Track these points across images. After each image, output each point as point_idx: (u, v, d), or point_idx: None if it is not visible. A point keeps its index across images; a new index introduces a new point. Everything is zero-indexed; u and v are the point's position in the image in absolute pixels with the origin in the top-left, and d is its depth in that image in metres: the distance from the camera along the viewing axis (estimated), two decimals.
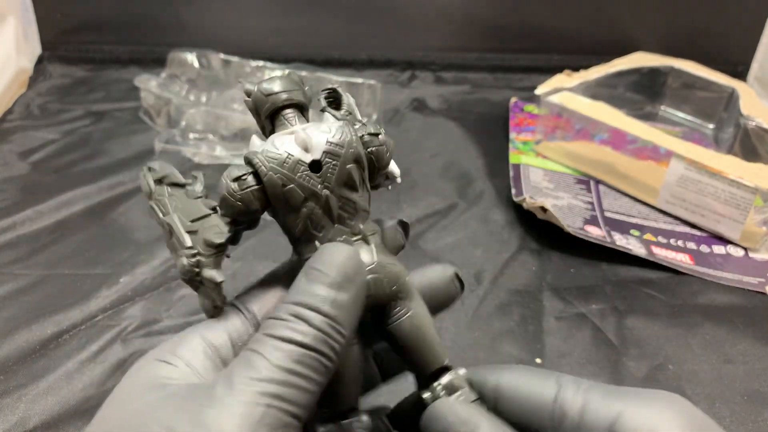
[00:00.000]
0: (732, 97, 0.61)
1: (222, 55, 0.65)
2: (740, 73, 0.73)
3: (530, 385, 0.22)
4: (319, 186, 0.22)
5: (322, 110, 0.24)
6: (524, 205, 0.49)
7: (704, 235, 0.50)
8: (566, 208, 0.51)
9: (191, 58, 0.65)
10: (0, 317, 0.40)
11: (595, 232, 0.48)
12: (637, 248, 0.47)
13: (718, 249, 0.49)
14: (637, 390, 0.21)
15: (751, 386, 0.37)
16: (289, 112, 0.23)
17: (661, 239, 0.49)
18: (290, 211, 0.22)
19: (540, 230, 0.49)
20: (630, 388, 0.21)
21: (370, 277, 0.22)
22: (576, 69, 0.62)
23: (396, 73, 0.75)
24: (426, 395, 0.23)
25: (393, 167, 0.25)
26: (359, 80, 0.62)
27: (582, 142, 0.56)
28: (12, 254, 0.46)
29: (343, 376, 0.22)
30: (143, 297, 0.42)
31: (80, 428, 0.33)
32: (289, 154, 0.22)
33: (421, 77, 0.74)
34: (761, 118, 0.55)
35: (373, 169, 0.23)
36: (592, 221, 0.50)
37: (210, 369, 0.21)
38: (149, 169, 0.24)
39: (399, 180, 0.25)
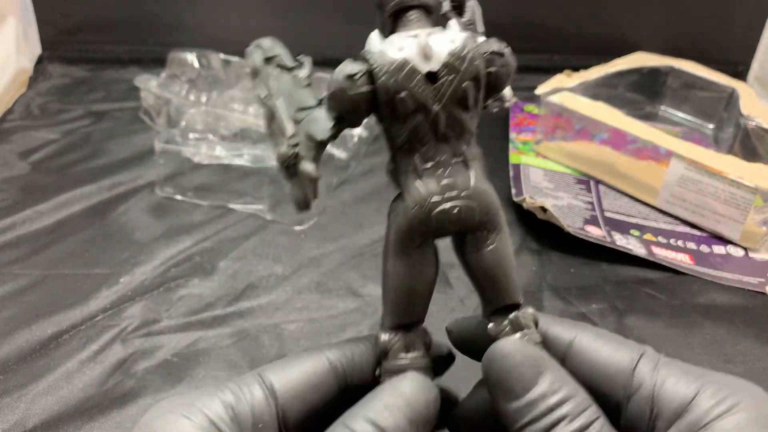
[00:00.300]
0: (732, 97, 0.61)
1: (222, 55, 0.65)
2: (740, 73, 0.73)
3: (609, 350, 0.22)
4: (431, 99, 0.21)
5: (444, 15, 0.23)
6: (524, 205, 0.49)
7: (704, 235, 0.50)
8: (566, 208, 0.51)
9: (191, 58, 0.65)
10: (0, 317, 0.40)
11: (595, 232, 0.48)
12: (637, 248, 0.47)
13: (718, 249, 0.49)
14: (716, 373, 0.21)
15: None
16: (414, 14, 0.22)
17: (661, 239, 0.49)
18: (396, 119, 0.21)
19: (540, 230, 0.49)
20: (708, 370, 0.21)
21: (462, 203, 0.22)
22: (576, 69, 0.62)
23: None
24: (490, 326, 0.23)
25: (507, 90, 0.23)
26: None
27: (582, 142, 0.56)
28: (12, 254, 0.46)
29: (414, 290, 0.23)
30: (143, 297, 0.42)
31: (80, 428, 0.33)
32: (408, 60, 0.21)
33: None
34: (761, 118, 0.55)
35: (490, 90, 0.22)
36: (592, 221, 0.50)
37: None
38: (257, 46, 0.23)
39: (509, 103, 0.24)
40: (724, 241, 0.49)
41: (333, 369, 0.23)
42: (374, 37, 0.22)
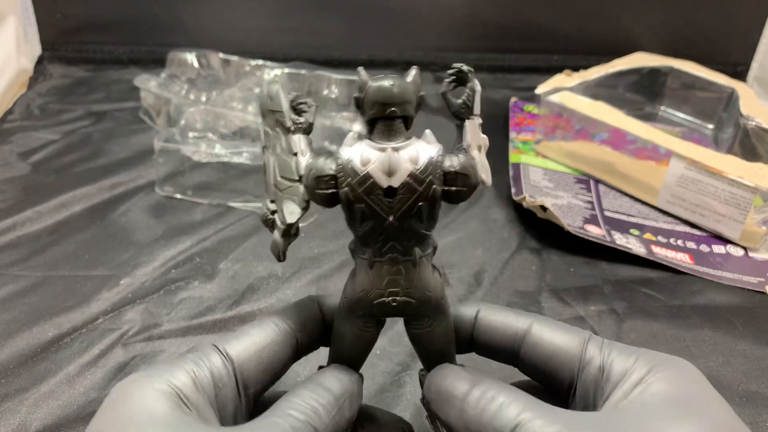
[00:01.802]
0: (731, 97, 0.61)
1: (221, 55, 0.65)
2: (740, 74, 0.73)
3: (561, 335, 0.25)
4: (386, 212, 0.23)
5: (443, 94, 0.24)
6: (524, 204, 0.49)
7: (704, 234, 0.50)
8: (566, 207, 0.51)
9: (191, 57, 0.65)
10: (0, 319, 0.40)
11: (595, 231, 0.48)
12: (636, 247, 0.47)
13: (718, 248, 0.49)
14: (653, 351, 0.24)
15: (750, 387, 0.37)
16: (390, 123, 0.23)
17: (660, 239, 0.49)
18: (354, 218, 0.24)
19: (540, 229, 0.49)
20: (647, 350, 0.24)
21: (401, 299, 0.24)
22: (576, 69, 0.62)
23: (396, 73, 0.74)
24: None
25: (485, 176, 0.25)
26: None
27: (582, 141, 0.56)
28: (12, 255, 0.46)
29: (353, 348, 0.26)
30: (144, 299, 0.42)
31: None
32: (370, 175, 0.22)
33: (421, 77, 0.74)
34: (761, 118, 0.55)
35: (452, 200, 0.24)
36: (592, 220, 0.50)
37: (191, 403, 0.23)
38: (270, 83, 0.24)
39: (486, 185, 0.25)
40: (724, 240, 0.50)
41: (282, 332, 0.26)
42: (350, 138, 0.23)
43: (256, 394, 0.25)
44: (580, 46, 0.74)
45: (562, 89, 0.57)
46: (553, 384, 0.26)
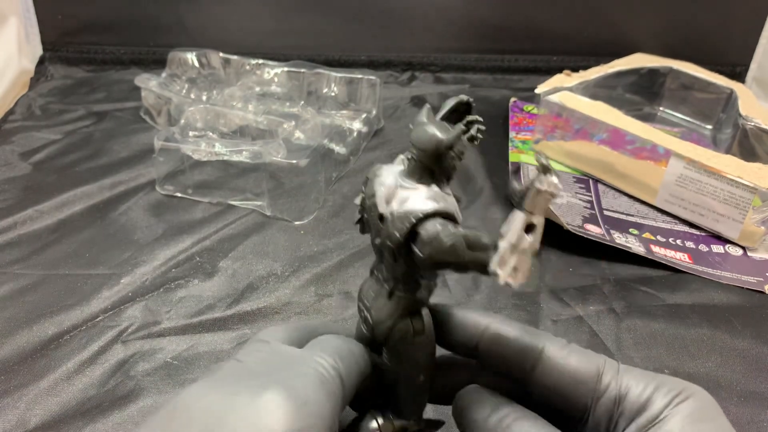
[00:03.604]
0: (730, 98, 0.61)
1: (222, 54, 0.66)
2: (738, 75, 0.73)
3: (576, 359, 0.25)
4: (375, 234, 0.25)
5: (443, 118, 0.25)
6: None
7: (703, 234, 0.50)
8: (565, 207, 0.51)
9: (191, 57, 0.65)
10: (1, 317, 0.40)
11: (595, 231, 0.48)
12: (636, 247, 0.47)
13: (717, 248, 0.49)
14: (668, 376, 0.24)
15: (748, 386, 0.37)
16: (414, 163, 0.24)
17: (659, 238, 0.49)
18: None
19: None
20: (662, 375, 0.24)
21: (365, 316, 0.26)
22: (575, 69, 0.62)
23: (396, 73, 0.75)
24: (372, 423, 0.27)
25: (501, 271, 0.22)
26: (359, 75, 0.62)
27: (581, 141, 0.56)
28: (13, 254, 0.46)
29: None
30: (144, 298, 0.42)
31: (80, 429, 0.33)
32: (377, 196, 0.24)
33: (420, 78, 0.75)
34: (759, 118, 0.55)
35: (413, 257, 0.23)
36: (591, 220, 0.50)
37: None
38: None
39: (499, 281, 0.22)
40: (723, 240, 0.50)
41: (365, 363, 0.26)
42: (398, 158, 0.25)
43: None
44: (579, 47, 0.74)
45: (562, 89, 0.57)
46: (566, 410, 0.25)
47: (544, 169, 0.20)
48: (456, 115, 0.24)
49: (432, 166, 0.23)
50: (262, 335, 0.25)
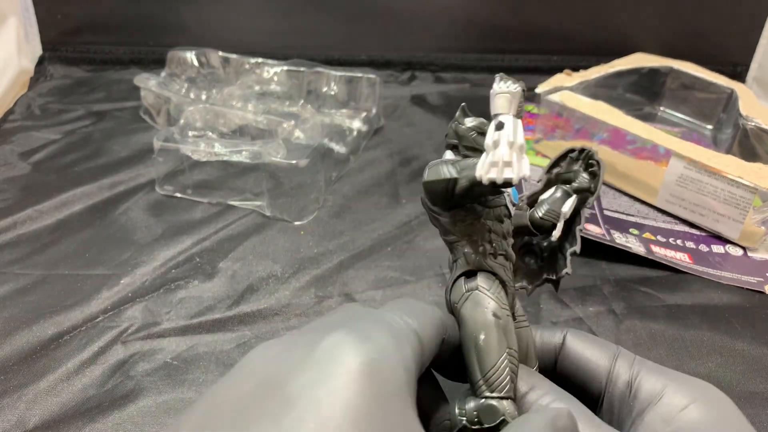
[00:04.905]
0: (731, 98, 0.61)
1: (221, 53, 0.66)
2: (739, 74, 0.73)
3: (593, 350, 0.27)
4: None
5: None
6: None
7: (703, 234, 0.50)
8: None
9: (190, 56, 0.65)
10: (0, 317, 0.40)
11: (595, 231, 0.48)
12: (636, 247, 0.47)
13: (717, 248, 0.49)
14: (680, 373, 0.25)
15: (748, 386, 0.37)
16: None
17: (660, 238, 0.49)
18: None
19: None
20: (674, 370, 0.25)
21: None
22: (576, 69, 0.62)
23: (396, 73, 0.75)
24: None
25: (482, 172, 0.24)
26: (358, 74, 0.62)
27: (581, 141, 0.56)
28: (13, 254, 0.46)
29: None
30: (144, 298, 0.42)
31: (80, 429, 0.33)
32: None
33: (420, 77, 0.74)
34: (760, 118, 0.55)
35: None
36: (591, 219, 0.50)
37: None
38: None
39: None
40: (723, 240, 0.50)
41: (442, 324, 0.25)
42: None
43: None
44: (580, 47, 0.74)
45: (562, 89, 0.57)
46: (582, 394, 0.26)
47: (501, 78, 0.24)
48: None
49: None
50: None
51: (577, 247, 0.29)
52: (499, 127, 0.23)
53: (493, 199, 0.26)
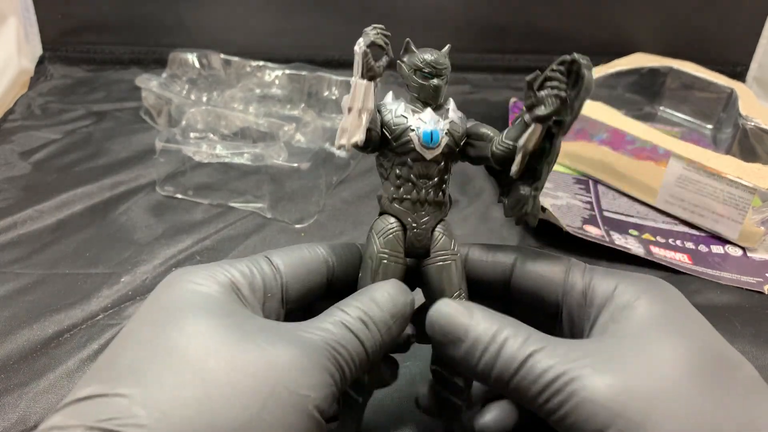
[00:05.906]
0: (731, 97, 0.61)
1: (222, 55, 0.66)
2: (739, 74, 0.73)
3: (545, 263, 0.27)
4: None
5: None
6: None
7: (703, 234, 0.50)
8: (565, 208, 0.51)
9: (192, 58, 0.65)
10: (1, 316, 0.40)
11: (594, 232, 0.49)
12: (635, 248, 0.47)
13: (717, 249, 0.49)
14: (631, 273, 0.26)
15: None
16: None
17: (659, 239, 0.49)
18: None
19: (538, 229, 0.49)
20: (625, 272, 0.26)
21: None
22: None
23: (396, 73, 0.75)
24: None
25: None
26: None
27: (581, 142, 0.56)
28: (13, 253, 0.46)
29: None
30: (144, 296, 0.42)
31: None
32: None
33: None
34: (760, 118, 0.55)
35: None
36: (591, 221, 0.50)
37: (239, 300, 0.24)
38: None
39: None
40: (723, 240, 0.50)
41: (325, 261, 0.27)
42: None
43: (289, 311, 0.26)
44: (579, 47, 0.73)
45: None
46: (540, 311, 0.27)
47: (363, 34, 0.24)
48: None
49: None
50: None
51: (540, 183, 0.25)
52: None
53: (400, 145, 0.27)
